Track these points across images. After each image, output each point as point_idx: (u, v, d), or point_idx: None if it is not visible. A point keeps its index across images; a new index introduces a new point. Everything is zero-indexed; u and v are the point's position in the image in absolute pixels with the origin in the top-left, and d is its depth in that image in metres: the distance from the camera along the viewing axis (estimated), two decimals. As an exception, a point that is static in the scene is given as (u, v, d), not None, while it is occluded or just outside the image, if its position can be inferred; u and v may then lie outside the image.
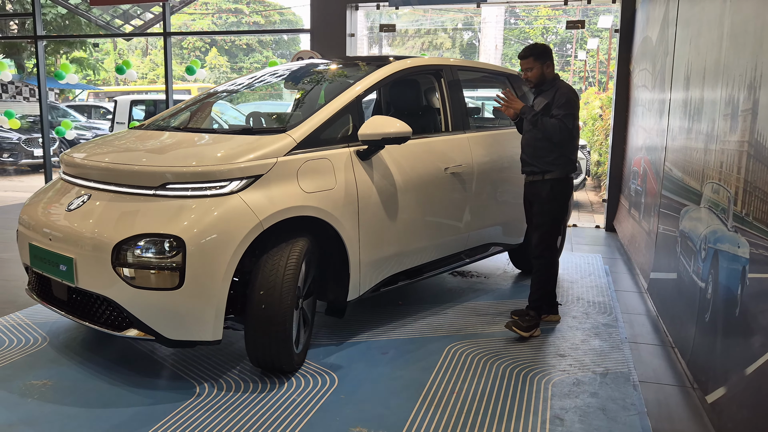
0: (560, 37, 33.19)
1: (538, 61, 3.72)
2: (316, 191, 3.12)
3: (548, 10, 29.90)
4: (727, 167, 2.88)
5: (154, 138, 3.47)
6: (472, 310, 4.16)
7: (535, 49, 3.75)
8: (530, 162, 3.78)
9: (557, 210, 3.78)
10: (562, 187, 3.76)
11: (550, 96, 3.69)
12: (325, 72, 4.20)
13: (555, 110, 3.63)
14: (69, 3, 10.15)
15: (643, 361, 3.51)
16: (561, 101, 3.64)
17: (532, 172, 3.80)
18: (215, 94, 4.31)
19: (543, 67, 3.73)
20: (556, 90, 3.69)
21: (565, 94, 3.66)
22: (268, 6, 37.75)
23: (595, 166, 11.01)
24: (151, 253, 2.72)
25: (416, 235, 3.76)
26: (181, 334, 2.79)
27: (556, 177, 3.72)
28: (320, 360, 3.30)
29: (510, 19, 32.05)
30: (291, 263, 2.94)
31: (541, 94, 3.76)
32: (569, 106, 3.63)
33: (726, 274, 2.80)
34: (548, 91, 3.73)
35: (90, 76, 26.79)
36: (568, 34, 32.29)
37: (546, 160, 3.71)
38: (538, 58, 3.72)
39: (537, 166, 3.74)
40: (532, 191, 3.83)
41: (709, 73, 3.35)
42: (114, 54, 33.47)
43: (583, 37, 27.26)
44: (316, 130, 3.24)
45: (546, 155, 3.71)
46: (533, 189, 3.82)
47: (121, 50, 35.19)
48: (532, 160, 3.76)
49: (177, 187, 2.86)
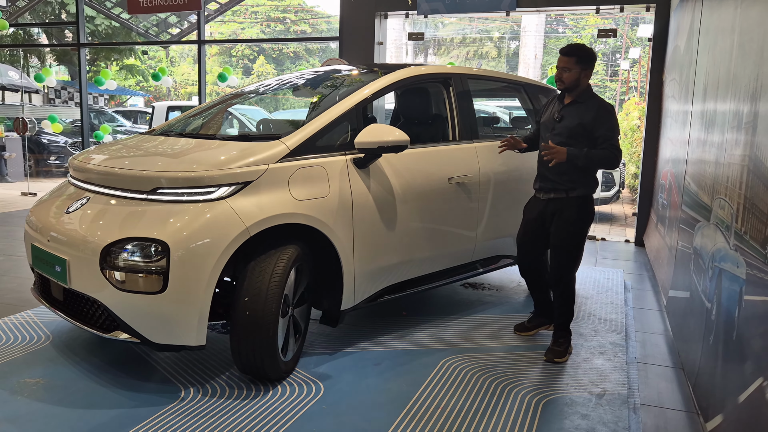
0: (609, 46, 32.51)
1: (580, 64, 3.36)
2: (308, 199, 3.11)
3: (597, 18, 29.34)
4: (732, 182, 2.74)
5: (155, 143, 3.53)
6: (476, 323, 4.07)
7: (581, 51, 3.39)
8: (553, 178, 3.47)
9: (583, 230, 3.55)
10: (588, 205, 3.51)
11: (590, 112, 3.35)
12: (336, 79, 4.19)
13: (602, 132, 3.31)
14: (112, 12, 10.50)
15: (649, 383, 3.37)
16: (607, 122, 3.33)
17: (553, 189, 3.49)
18: (226, 100, 4.36)
19: (582, 73, 3.37)
20: (597, 106, 3.36)
21: (610, 112, 3.37)
22: (315, 15, 38.27)
23: (632, 178, 10.70)
24: (137, 257, 2.75)
25: (416, 245, 3.70)
26: (165, 338, 2.81)
27: (582, 194, 3.46)
28: (310, 369, 3.27)
29: (558, 27, 31.61)
30: (278, 271, 2.93)
31: (574, 105, 3.42)
32: (617, 128, 3.37)
33: (727, 295, 2.65)
34: (585, 104, 3.39)
35: (142, 83, 27.69)
36: (617, 43, 31.58)
37: (572, 177, 3.42)
38: (582, 61, 3.37)
39: (561, 183, 3.45)
40: (551, 209, 3.52)
41: (721, 84, 3.20)
42: (166, 61, 34.49)
43: (628, 47, 26.65)
44: (311, 137, 3.22)
45: (573, 171, 3.40)
46: (552, 207, 3.51)
47: (172, 57, 36.24)
48: (557, 177, 3.45)
49: (167, 192, 2.89)
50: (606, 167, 3.43)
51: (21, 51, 16.71)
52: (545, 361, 3.46)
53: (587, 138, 3.37)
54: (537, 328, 3.87)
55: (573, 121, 3.39)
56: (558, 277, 3.53)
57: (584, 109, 3.38)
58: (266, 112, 12.50)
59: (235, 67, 36.25)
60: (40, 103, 19.08)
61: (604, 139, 3.32)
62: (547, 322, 3.82)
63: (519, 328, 3.90)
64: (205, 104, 4.40)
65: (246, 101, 6.38)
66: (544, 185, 3.55)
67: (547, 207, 3.55)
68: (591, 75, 3.43)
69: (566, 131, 3.40)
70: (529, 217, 3.70)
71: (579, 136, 3.37)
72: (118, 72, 22.37)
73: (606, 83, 31.87)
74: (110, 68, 20.89)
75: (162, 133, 3.81)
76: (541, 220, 3.60)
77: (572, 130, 3.38)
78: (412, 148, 3.49)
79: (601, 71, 32.55)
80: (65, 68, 21.91)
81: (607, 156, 3.31)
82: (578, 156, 3.30)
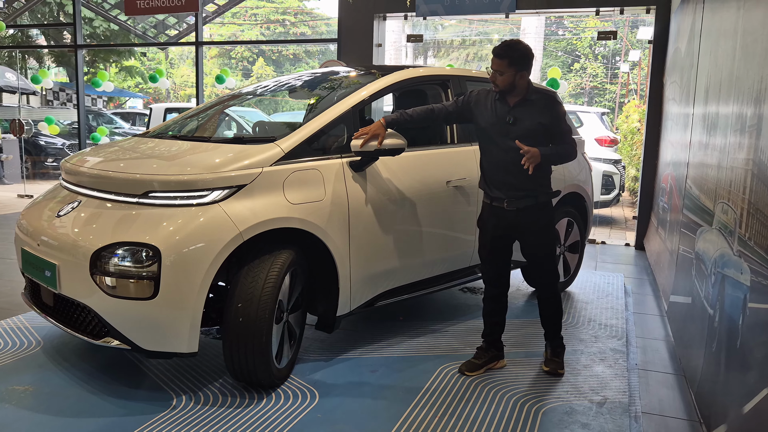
0: (609, 48, 32.49)
1: (514, 66, 3.07)
2: (303, 203, 3.05)
3: (597, 21, 29.33)
4: (735, 186, 2.68)
5: (148, 145, 3.47)
6: (474, 329, 4.00)
7: (513, 51, 3.08)
8: (519, 185, 3.17)
9: (554, 234, 3.42)
10: (552, 208, 3.37)
11: (546, 110, 3.15)
12: (333, 81, 4.13)
13: (561, 129, 3.18)
14: (110, 13, 10.44)
15: (650, 391, 3.31)
16: (563, 117, 3.23)
17: (524, 197, 3.18)
18: (223, 102, 4.31)
19: (517, 75, 3.09)
20: (550, 102, 3.18)
21: (561, 105, 3.25)
22: (315, 17, 38.24)
23: (632, 181, 10.65)
24: (128, 262, 2.70)
25: (413, 250, 3.64)
26: (156, 345, 2.75)
27: (548, 199, 3.29)
28: (305, 376, 3.21)
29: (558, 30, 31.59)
30: (272, 276, 2.87)
31: (525, 104, 3.15)
32: (566, 120, 3.27)
33: (730, 302, 2.59)
34: (536, 102, 3.15)
35: (142, 84, 27.63)
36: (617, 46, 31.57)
37: (540, 181, 3.22)
38: (515, 63, 3.07)
39: (531, 189, 3.19)
40: (524, 220, 3.22)
41: (724, 86, 3.15)
42: (165, 63, 34.43)
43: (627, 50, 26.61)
44: (306, 140, 3.17)
45: (539, 175, 3.17)
46: (525, 217, 3.21)
47: (171, 59, 36.20)
48: (525, 183, 3.16)
49: (159, 196, 2.83)
50: (568, 161, 3.29)
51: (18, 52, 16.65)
52: (547, 372, 3.35)
53: (545, 136, 3.16)
54: (487, 365, 3.38)
55: (531, 122, 3.13)
56: (551, 288, 3.40)
57: (538, 107, 3.15)
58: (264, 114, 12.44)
59: (234, 69, 36.22)
60: (37, 105, 19.02)
61: (563, 135, 3.18)
62: (499, 356, 3.44)
63: (468, 368, 3.33)
64: (202, 106, 4.34)
65: (243, 103, 6.33)
66: (511, 193, 3.19)
67: (518, 218, 3.22)
68: (530, 73, 3.16)
69: (525, 132, 3.11)
70: (494, 231, 3.31)
71: (538, 136, 3.14)
72: (116, 74, 22.32)
73: (606, 86, 31.89)
74: (109, 70, 20.84)
75: (156, 135, 3.76)
76: (509, 232, 3.30)
77: (532, 130, 3.12)
78: (410, 151, 3.43)
79: (601, 74, 32.58)
80: (63, 70, 21.86)
81: (569, 150, 3.20)
82: (550, 155, 3.12)
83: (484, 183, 3.34)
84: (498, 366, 3.41)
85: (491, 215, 3.32)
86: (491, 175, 3.28)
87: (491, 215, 3.32)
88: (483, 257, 3.43)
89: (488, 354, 3.40)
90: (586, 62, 31.61)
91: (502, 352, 3.46)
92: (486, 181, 3.32)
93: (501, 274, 3.40)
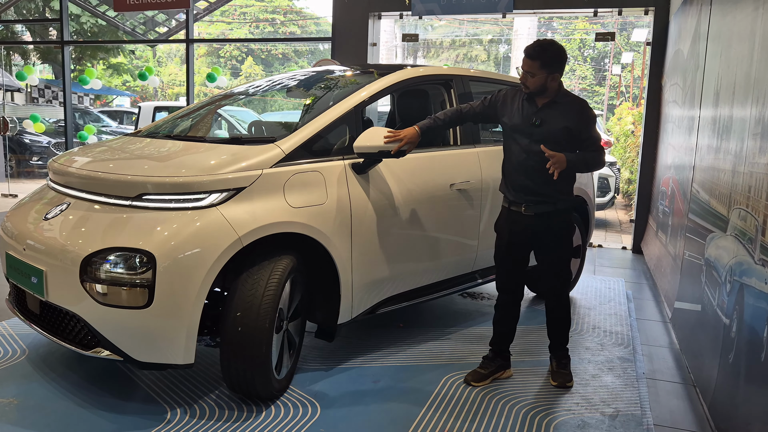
0: (598, 51, 32.59)
1: (546, 69, 2.96)
2: (305, 206, 2.92)
3: (585, 23, 29.41)
4: (755, 192, 2.58)
5: (140, 145, 3.32)
6: (477, 336, 3.89)
7: (545, 54, 2.97)
8: (540, 190, 3.07)
9: (571, 244, 3.26)
10: (572, 217, 3.29)
11: (573, 114, 3.03)
12: (331, 80, 4.00)
13: (589, 135, 3.04)
14: (97, 9, 10.22)
15: (660, 401, 3.21)
16: (592, 123, 3.07)
17: (542, 202, 3.08)
18: (215, 101, 4.16)
19: (548, 77, 2.98)
20: (580, 107, 3.05)
21: (592, 111, 3.09)
22: (304, 16, 38.04)
23: (626, 184, 10.61)
24: (121, 269, 2.55)
25: (417, 255, 3.52)
26: (150, 356, 2.61)
27: (568, 206, 3.17)
28: (305, 387, 3.08)
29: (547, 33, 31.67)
30: (272, 283, 2.74)
31: (553, 106, 3.04)
32: (595, 126, 3.14)
33: (751, 313, 2.49)
34: (565, 105, 3.04)
35: (129, 82, 27.29)
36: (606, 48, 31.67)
37: (559, 186, 3.08)
38: (547, 65, 2.96)
39: (550, 194, 3.07)
40: (541, 225, 3.11)
41: (739, 88, 3.06)
42: (153, 61, 34.10)
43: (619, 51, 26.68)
44: (307, 141, 3.04)
45: (560, 180, 3.03)
46: (542, 222, 3.10)
47: (159, 58, 35.87)
48: (544, 187, 3.05)
49: (154, 199, 2.69)
50: (595, 169, 3.16)
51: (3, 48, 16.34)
52: (555, 386, 3.22)
53: (571, 141, 3.04)
54: (494, 375, 3.26)
55: (557, 125, 3.01)
56: (560, 297, 3.28)
57: (566, 110, 3.03)
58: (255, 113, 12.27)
59: (223, 68, 35.94)
60: (22, 102, 18.70)
61: (592, 142, 3.05)
62: (506, 365, 3.31)
63: (474, 378, 3.21)
64: (194, 105, 4.19)
65: (236, 102, 6.18)
66: (530, 197, 3.09)
67: (535, 223, 3.11)
68: (562, 75, 3.05)
69: (550, 136, 3.00)
70: (510, 237, 3.19)
71: (563, 141, 3.02)
72: (104, 71, 22.00)
73: (595, 88, 31.93)
74: (96, 67, 20.54)
75: (148, 134, 3.60)
76: (526, 238, 3.18)
77: (557, 134, 3.01)
78: (413, 153, 3.31)
79: (590, 76, 32.63)
80: (49, 67, 21.52)
81: (596, 158, 3.07)
82: (576, 162, 2.99)
83: (504, 185, 3.24)
84: (504, 376, 3.30)
85: (508, 220, 3.20)
86: (511, 177, 3.17)
87: (508, 220, 3.20)
88: (498, 264, 3.31)
89: (495, 363, 3.28)
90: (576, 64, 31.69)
91: (508, 362, 3.34)
92: (506, 183, 3.22)
93: (515, 281, 3.28)
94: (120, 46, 19.06)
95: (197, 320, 2.60)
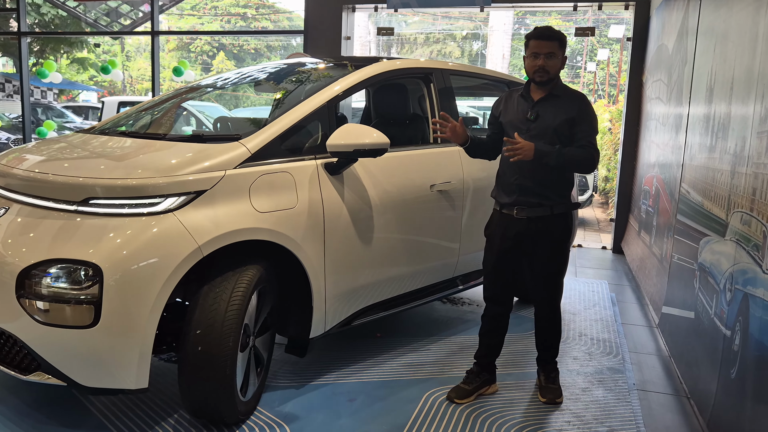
0: (571, 48, 32.71)
1: (562, 50, 2.80)
2: (273, 211, 2.65)
3: (559, 20, 29.50)
4: (762, 195, 2.39)
5: (93, 143, 3.01)
6: (459, 346, 3.67)
7: (561, 34, 2.80)
8: (533, 190, 2.85)
9: (567, 252, 3.03)
10: (570, 222, 2.98)
11: (573, 106, 2.81)
12: (303, 73, 3.72)
13: (582, 129, 2.78)
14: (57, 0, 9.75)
15: (654, 416, 3.02)
16: (590, 118, 2.81)
17: (536, 205, 2.86)
18: (181, 94, 3.85)
19: (562, 61, 2.83)
20: (579, 99, 2.83)
21: (591, 106, 2.86)
22: (277, 10, 37.49)
23: (603, 181, 10.51)
24: (63, 283, 2.26)
25: (395, 261, 3.28)
26: (97, 381, 2.32)
27: (565, 211, 2.92)
28: (274, 408, 2.82)
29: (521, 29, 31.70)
30: (236, 296, 2.47)
31: (551, 100, 2.84)
32: (597, 126, 2.85)
33: (759, 326, 2.30)
34: (563, 98, 2.84)
35: (96, 77, 26.51)
36: (579, 45, 31.79)
37: (558, 189, 2.88)
38: (563, 47, 2.80)
39: (546, 197, 2.86)
40: (534, 230, 2.88)
41: (738, 84, 2.87)
42: (121, 55, 33.28)
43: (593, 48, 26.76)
44: (276, 139, 2.77)
45: (557, 182, 2.86)
46: (535, 228, 2.87)
47: (128, 52, 35.04)
48: (539, 189, 2.85)
49: (102, 203, 2.40)
50: (582, 170, 2.85)
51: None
52: (544, 403, 3.00)
53: (570, 137, 2.82)
54: (479, 391, 3.04)
55: (556, 118, 2.80)
56: (553, 309, 3.05)
57: (565, 102, 2.82)
58: (226, 109, 11.88)
59: (193, 63, 35.24)
60: (-19, 97, 17.96)
61: (584, 137, 2.77)
62: (491, 380, 3.10)
63: (458, 395, 2.98)
64: (157, 98, 3.88)
65: (204, 97, 5.86)
66: (523, 199, 2.88)
67: (528, 227, 2.89)
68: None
69: (548, 131, 2.80)
70: (502, 243, 2.95)
71: (561, 136, 2.80)
72: (69, 65, 21.27)
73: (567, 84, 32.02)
74: (59, 61, 19.84)
75: (104, 131, 3.29)
76: (517, 244, 2.94)
77: (556, 128, 2.80)
78: (391, 151, 3.07)
79: (563, 73, 32.74)
80: (10, 60, 20.74)
81: (585, 157, 2.76)
82: (548, 154, 2.71)
83: (497, 188, 3.01)
84: (490, 391, 3.07)
85: (500, 224, 2.97)
86: (504, 178, 2.95)
87: (500, 224, 2.97)
88: (487, 271, 3.06)
89: (480, 378, 3.05)
90: (549, 61, 31.70)
91: (494, 376, 3.12)
92: (499, 185, 3.00)
93: (505, 291, 3.05)
94: (84, 40, 18.40)
95: (151, 340, 2.32)
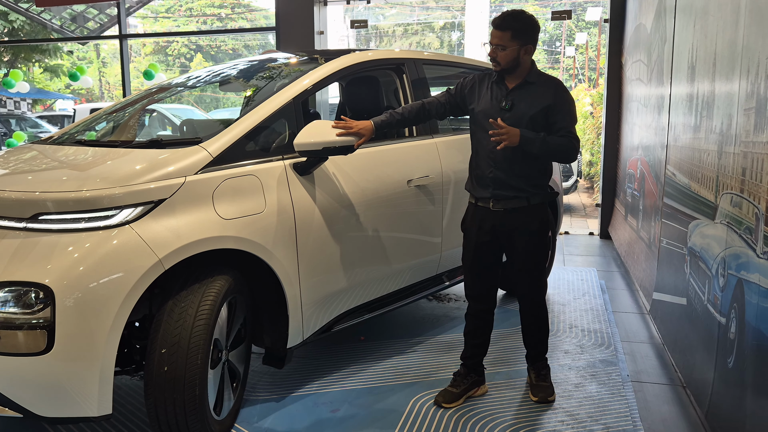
0: (549, 34, 32.66)
1: (518, 39, 2.62)
2: (239, 217, 2.49)
3: (536, 6, 29.40)
4: (752, 176, 2.27)
5: (48, 154, 2.84)
6: (446, 346, 3.53)
7: (516, 22, 2.63)
8: (509, 182, 2.72)
9: (546, 242, 2.90)
10: (547, 213, 2.86)
11: (549, 94, 2.69)
12: (272, 69, 3.55)
13: (561, 118, 2.67)
14: (20, 6, 9.48)
15: (650, 409, 2.91)
16: (568, 107, 2.70)
17: (513, 197, 2.73)
18: (147, 96, 3.67)
19: (521, 50, 2.64)
20: (555, 87, 2.72)
21: (569, 95, 2.75)
22: (252, 9, 37.10)
23: (587, 166, 10.43)
24: (12, 308, 2.09)
25: (374, 262, 3.14)
26: (56, 410, 2.16)
27: (542, 201, 2.80)
28: (253, 423, 2.67)
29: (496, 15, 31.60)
30: (203, 311, 2.31)
31: (526, 87, 2.71)
32: (575, 113, 2.74)
33: (756, 313, 2.18)
34: (540, 85, 2.71)
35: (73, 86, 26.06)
36: (557, 31, 31.74)
37: (535, 180, 2.76)
38: (519, 35, 2.62)
39: (522, 188, 2.73)
40: (511, 223, 2.76)
41: (721, 60, 2.75)
42: (97, 62, 32.81)
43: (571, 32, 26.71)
44: (239, 140, 2.61)
45: (533, 172, 2.75)
46: (512, 220, 2.75)
47: (104, 58, 34.53)
48: (515, 180, 2.72)
49: (52, 219, 2.23)
50: (562, 159, 2.76)
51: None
52: (537, 402, 2.87)
53: (547, 126, 2.71)
54: (467, 393, 2.91)
55: (530, 108, 2.67)
56: (537, 303, 2.93)
57: (541, 91, 2.70)
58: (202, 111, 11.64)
59: (171, 66, 34.82)
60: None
61: (563, 127, 2.67)
62: (480, 381, 2.97)
63: (446, 399, 2.85)
64: (121, 102, 3.69)
65: (175, 99, 5.67)
66: (498, 192, 2.75)
67: (504, 220, 2.77)
68: (534, 49, 2.70)
69: (523, 119, 2.66)
70: (478, 237, 2.83)
71: (537, 126, 2.68)
72: (42, 74, 20.86)
73: (547, 70, 32.07)
74: (31, 70, 19.46)
75: (60, 140, 3.11)
76: (495, 237, 2.82)
77: (532, 117, 2.67)
78: (364, 147, 2.92)
79: (543, 59, 32.66)
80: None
81: (566, 145, 2.66)
82: (533, 141, 2.60)
83: (470, 181, 2.88)
84: (479, 393, 2.94)
85: (475, 218, 2.84)
86: (479, 170, 2.80)
87: (475, 218, 2.84)
88: (466, 268, 2.94)
89: (468, 380, 2.92)
90: (528, 48, 31.67)
91: (483, 377, 2.99)
92: (473, 178, 2.86)
93: (486, 287, 2.91)
94: (57, 47, 18.04)
95: (112, 362, 2.16)
